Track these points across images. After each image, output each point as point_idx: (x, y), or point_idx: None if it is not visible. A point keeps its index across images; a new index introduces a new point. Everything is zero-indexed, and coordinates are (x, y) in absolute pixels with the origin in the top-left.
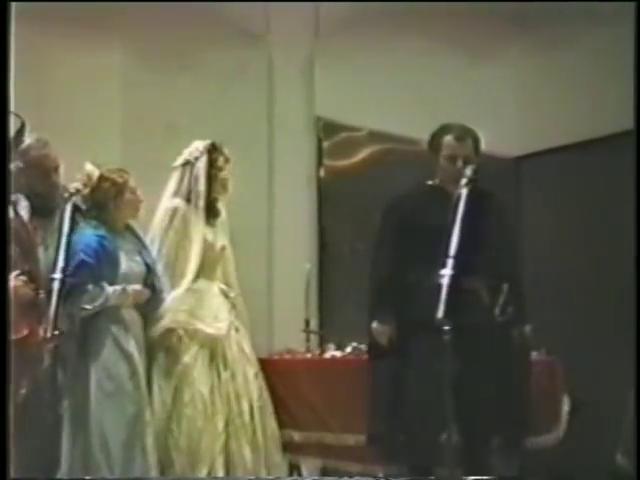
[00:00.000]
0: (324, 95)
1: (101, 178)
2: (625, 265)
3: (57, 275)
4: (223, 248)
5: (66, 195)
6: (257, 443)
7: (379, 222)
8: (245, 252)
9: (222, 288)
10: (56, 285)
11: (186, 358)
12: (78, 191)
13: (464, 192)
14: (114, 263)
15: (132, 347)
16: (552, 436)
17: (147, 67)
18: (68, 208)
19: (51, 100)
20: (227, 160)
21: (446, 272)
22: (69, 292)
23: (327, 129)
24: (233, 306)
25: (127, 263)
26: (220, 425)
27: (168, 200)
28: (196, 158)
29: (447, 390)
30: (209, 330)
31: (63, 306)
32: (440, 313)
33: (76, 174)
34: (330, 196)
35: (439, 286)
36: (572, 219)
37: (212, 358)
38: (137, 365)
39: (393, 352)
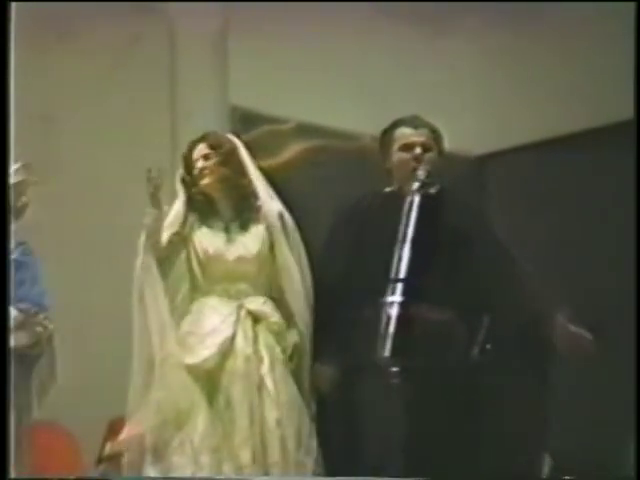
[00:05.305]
0: (240, 79)
1: None
2: (612, 283)
3: None
4: (239, 259)
5: None
6: None
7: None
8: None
9: (250, 308)
10: None
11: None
12: None
13: (416, 199)
14: None
15: None
16: None
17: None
18: None
19: None
20: (213, 147)
21: (394, 299)
22: None
23: (245, 121)
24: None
25: None
26: None
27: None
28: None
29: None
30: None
31: None
32: (386, 351)
33: None
34: None
35: (387, 317)
36: (546, 228)
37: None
38: None
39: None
